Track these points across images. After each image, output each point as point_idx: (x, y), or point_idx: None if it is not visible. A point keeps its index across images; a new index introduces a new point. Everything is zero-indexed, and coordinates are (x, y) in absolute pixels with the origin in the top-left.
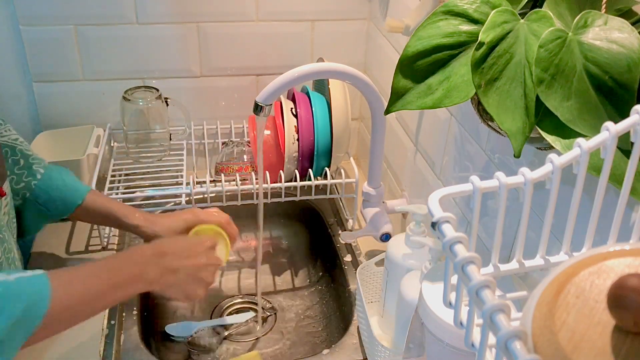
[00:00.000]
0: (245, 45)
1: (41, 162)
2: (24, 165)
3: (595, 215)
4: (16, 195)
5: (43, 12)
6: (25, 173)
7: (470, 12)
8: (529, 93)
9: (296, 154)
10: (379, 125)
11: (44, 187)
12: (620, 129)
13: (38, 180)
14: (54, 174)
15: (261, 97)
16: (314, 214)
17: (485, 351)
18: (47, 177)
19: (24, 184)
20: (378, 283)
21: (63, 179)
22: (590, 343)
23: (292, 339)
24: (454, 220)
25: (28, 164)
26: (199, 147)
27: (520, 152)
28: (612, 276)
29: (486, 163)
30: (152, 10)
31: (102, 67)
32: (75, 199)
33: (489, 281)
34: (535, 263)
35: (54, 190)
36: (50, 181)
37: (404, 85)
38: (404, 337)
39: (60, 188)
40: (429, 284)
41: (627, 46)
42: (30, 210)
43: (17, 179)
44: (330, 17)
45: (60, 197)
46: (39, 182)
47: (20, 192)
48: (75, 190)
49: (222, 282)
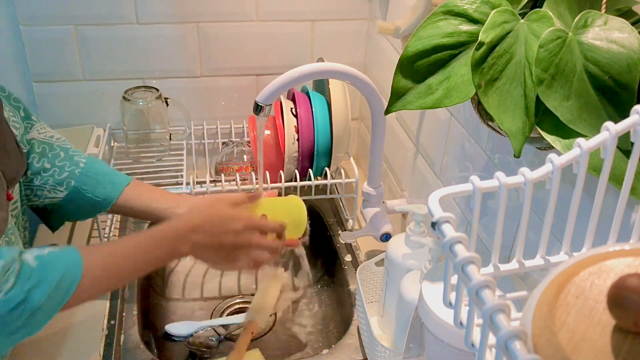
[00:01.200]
0: (245, 45)
1: (81, 153)
2: (64, 157)
3: (595, 215)
4: (60, 186)
5: (43, 12)
6: (67, 163)
7: (470, 12)
8: (529, 93)
9: (296, 154)
10: (379, 125)
11: (88, 173)
12: (620, 129)
13: (81, 168)
14: (96, 162)
15: (261, 97)
16: (314, 214)
17: (485, 351)
18: (90, 165)
19: (68, 173)
20: (378, 283)
21: (107, 166)
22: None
23: (292, 339)
24: (454, 220)
25: (68, 155)
26: (199, 147)
27: (520, 152)
28: (612, 276)
29: (486, 163)
30: (152, 10)
31: (102, 67)
32: (121, 180)
33: (489, 281)
34: (535, 263)
35: (99, 174)
36: (94, 167)
37: (404, 85)
38: (404, 337)
39: (105, 172)
40: (429, 284)
41: (627, 46)
42: (77, 200)
43: (59, 171)
44: (330, 17)
45: (107, 180)
46: (82, 170)
47: (65, 182)
48: (119, 175)
49: (222, 282)
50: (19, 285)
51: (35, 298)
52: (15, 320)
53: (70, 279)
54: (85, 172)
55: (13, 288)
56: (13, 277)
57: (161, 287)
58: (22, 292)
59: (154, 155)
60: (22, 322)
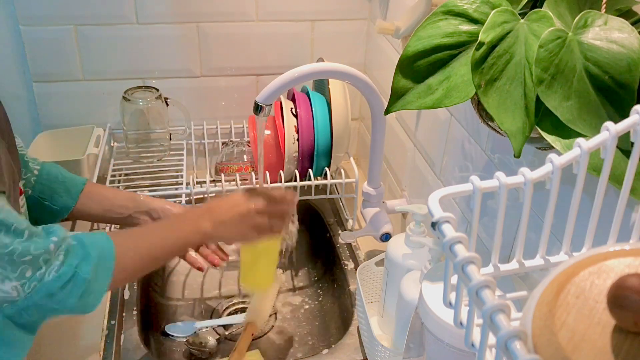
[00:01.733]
0: (245, 45)
1: (35, 160)
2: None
3: (595, 215)
4: None
5: (43, 12)
6: (24, 171)
7: (470, 12)
8: (529, 93)
9: (296, 154)
10: (379, 125)
11: (44, 182)
12: (620, 129)
13: (36, 176)
14: (50, 168)
15: (261, 97)
16: (314, 214)
17: (485, 351)
18: (44, 172)
19: (24, 182)
20: (378, 283)
21: (60, 171)
22: (590, 343)
23: (292, 339)
24: (454, 220)
25: (24, 162)
26: (199, 147)
27: (520, 152)
28: (612, 276)
29: (486, 163)
30: (152, 10)
31: (102, 67)
32: (76, 186)
33: (489, 281)
34: (535, 263)
35: (54, 182)
36: (49, 174)
37: (404, 85)
38: (404, 337)
39: (60, 179)
40: (429, 284)
41: (627, 46)
42: (35, 209)
43: None
44: (330, 17)
45: (62, 187)
46: (37, 177)
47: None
48: (75, 179)
49: (222, 282)
50: (69, 262)
51: (84, 271)
52: (69, 297)
53: (108, 256)
54: (40, 180)
55: (63, 265)
56: (63, 254)
57: (161, 287)
58: (72, 268)
59: (154, 155)
60: (76, 299)
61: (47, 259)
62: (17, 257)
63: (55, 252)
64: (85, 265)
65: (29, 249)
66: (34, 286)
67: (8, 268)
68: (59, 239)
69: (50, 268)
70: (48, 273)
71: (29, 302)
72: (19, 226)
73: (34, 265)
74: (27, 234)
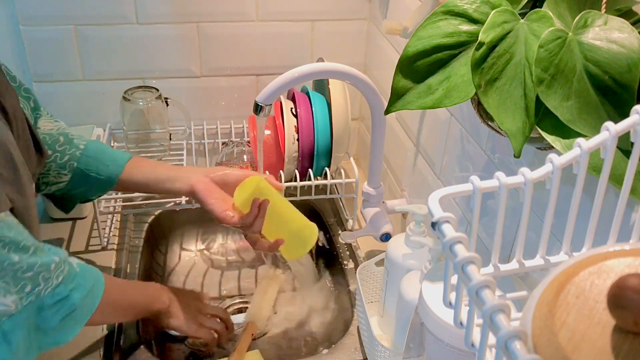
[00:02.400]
0: (245, 45)
1: (81, 137)
2: (64, 141)
3: (595, 215)
4: (63, 170)
5: (43, 12)
6: (68, 147)
7: (470, 12)
8: (529, 93)
9: (296, 154)
10: (379, 125)
11: (90, 154)
12: (620, 129)
13: (82, 150)
14: (96, 143)
15: (261, 97)
16: (314, 214)
17: (485, 351)
18: (90, 146)
19: (69, 156)
20: (378, 283)
21: (106, 146)
22: (590, 343)
23: (292, 339)
24: (454, 220)
25: (68, 139)
26: (199, 147)
27: (520, 152)
28: (612, 276)
29: (486, 163)
30: (152, 10)
31: (102, 67)
32: (122, 156)
33: (489, 281)
34: (535, 263)
35: (100, 154)
36: (95, 148)
37: (404, 85)
38: (404, 337)
39: (106, 151)
40: (429, 284)
41: (627, 46)
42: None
43: (60, 155)
44: (330, 17)
45: (109, 158)
46: (84, 150)
47: (67, 165)
48: (120, 153)
49: (222, 282)
50: (65, 284)
51: (75, 297)
52: (54, 316)
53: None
54: (87, 153)
55: (60, 285)
56: (62, 276)
57: None
58: (67, 290)
59: (154, 155)
60: (58, 321)
61: (47, 278)
62: (20, 274)
63: (54, 271)
64: (78, 292)
65: (33, 266)
66: (30, 300)
67: (11, 283)
68: (60, 260)
69: (48, 285)
70: (45, 290)
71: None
72: (27, 243)
73: (34, 281)
74: (32, 250)
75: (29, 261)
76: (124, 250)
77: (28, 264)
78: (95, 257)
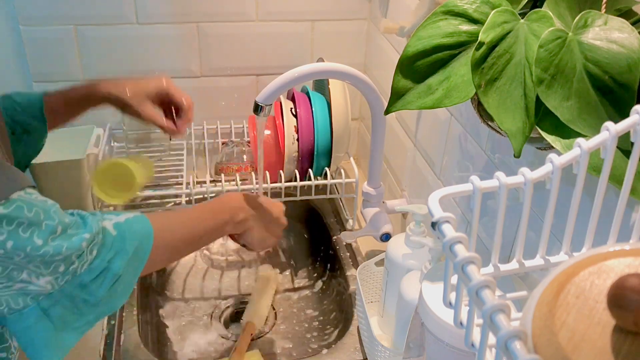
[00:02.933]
0: (245, 45)
1: None
2: None
3: (595, 215)
4: None
5: (43, 12)
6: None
7: (470, 12)
8: (529, 93)
9: (296, 154)
10: (379, 125)
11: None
12: (620, 129)
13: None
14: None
15: (261, 97)
16: (314, 214)
17: (485, 351)
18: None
19: None
20: (378, 283)
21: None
22: (590, 343)
23: (292, 339)
24: (454, 220)
25: None
26: (199, 147)
27: (520, 152)
28: (612, 276)
29: (486, 163)
30: (152, 10)
31: (102, 67)
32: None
33: (489, 281)
34: (535, 263)
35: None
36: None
37: (404, 85)
38: (404, 337)
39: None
40: (429, 284)
41: (627, 46)
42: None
43: None
44: (330, 17)
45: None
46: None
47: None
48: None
49: (222, 282)
50: (102, 256)
51: (116, 266)
52: (99, 288)
53: (144, 248)
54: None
55: (96, 259)
56: (96, 248)
57: (161, 287)
58: (104, 262)
59: (154, 155)
60: (106, 291)
61: (80, 254)
62: (49, 258)
63: (87, 247)
64: (119, 260)
65: (61, 250)
66: (67, 279)
67: (42, 267)
68: (91, 235)
69: (82, 262)
70: (80, 266)
71: (63, 293)
72: (51, 222)
73: (67, 261)
74: (59, 229)
75: (54, 244)
76: None
77: (55, 248)
78: None
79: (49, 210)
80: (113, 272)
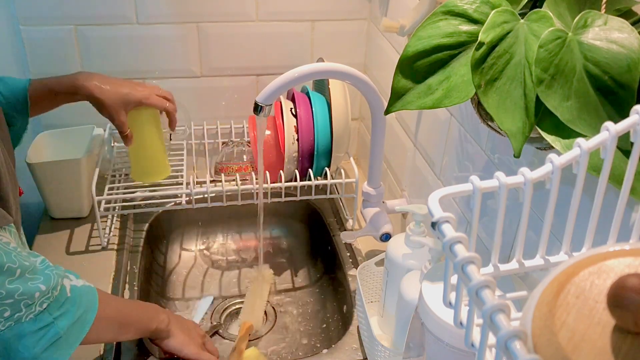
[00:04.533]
0: (245, 45)
1: None
2: None
3: (595, 215)
4: None
5: (43, 12)
6: None
7: (470, 12)
8: (529, 93)
9: (296, 154)
10: (379, 125)
11: None
12: (620, 129)
13: None
14: None
15: (261, 97)
16: (314, 214)
17: (485, 351)
18: None
19: None
20: (378, 283)
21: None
22: (590, 343)
23: (292, 339)
24: (454, 220)
25: None
26: (199, 147)
27: (520, 152)
28: (612, 276)
29: (486, 163)
30: (152, 10)
31: (102, 67)
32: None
33: (489, 281)
34: (535, 263)
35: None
36: None
37: (404, 85)
38: (404, 337)
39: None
40: (429, 284)
41: (627, 46)
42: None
43: None
44: (330, 17)
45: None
46: None
47: None
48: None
49: (222, 282)
50: (50, 310)
51: (60, 325)
52: (37, 344)
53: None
54: None
55: (44, 312)
56: (47, 302)
57: (161, 287)
58: (50, 317)
59: None
60: (42, 350)
61: (29, 304)
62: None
63: (39, 299)
64: (65, 320)
65: (14, 294)
66: (9, 325)
67: None
68: (47, 288)
69: (29, 312)
70: (26, 316)
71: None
72: (12, 265)
73: (15, 307)
74: (18, 273)
75: (9, 287)
76: (124, 250)
77: (8, 290)
78: (95, 257)
79: (11, 254)
80: (55, 331)
